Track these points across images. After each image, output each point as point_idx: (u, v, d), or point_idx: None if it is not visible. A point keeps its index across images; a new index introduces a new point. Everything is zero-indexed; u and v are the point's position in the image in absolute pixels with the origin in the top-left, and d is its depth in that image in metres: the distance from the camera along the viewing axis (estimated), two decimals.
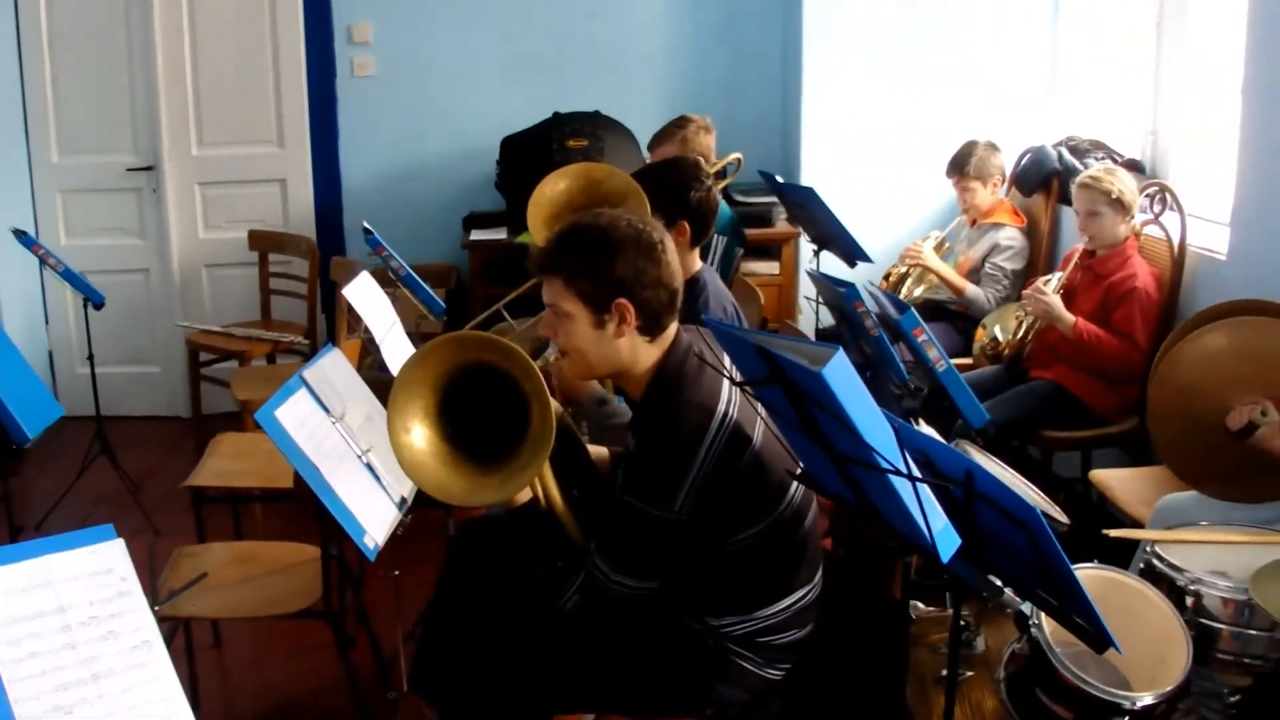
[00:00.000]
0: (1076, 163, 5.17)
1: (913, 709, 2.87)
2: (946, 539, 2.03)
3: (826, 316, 4.66)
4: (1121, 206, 4.30)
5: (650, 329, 2.59)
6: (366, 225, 4.41)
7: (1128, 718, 2.38)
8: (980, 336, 4.84)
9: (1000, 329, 4.75)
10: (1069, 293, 4.47)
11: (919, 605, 3.24)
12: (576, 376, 2.89)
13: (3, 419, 3.48)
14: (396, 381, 2.53)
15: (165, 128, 6.19)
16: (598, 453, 2.98)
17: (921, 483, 1.97)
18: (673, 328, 2.65)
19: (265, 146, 6.36)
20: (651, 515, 2.48)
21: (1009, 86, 5.89)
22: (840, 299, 3.87)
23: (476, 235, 6.04)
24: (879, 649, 2.95)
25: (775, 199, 5.79)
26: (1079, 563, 2.63)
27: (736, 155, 5.16)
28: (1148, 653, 2.51)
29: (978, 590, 2.21)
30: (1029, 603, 2.24)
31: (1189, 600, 2.67)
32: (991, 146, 5.32)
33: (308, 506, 3.00)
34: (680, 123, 5.02)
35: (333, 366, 3.18)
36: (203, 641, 4.06)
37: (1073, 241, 4.70)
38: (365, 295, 3.76)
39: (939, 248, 5.35)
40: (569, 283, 2.56)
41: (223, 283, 6.45)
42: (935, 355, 3.52)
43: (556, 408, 2.59)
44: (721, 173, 5.17)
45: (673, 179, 3.76)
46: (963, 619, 2.50)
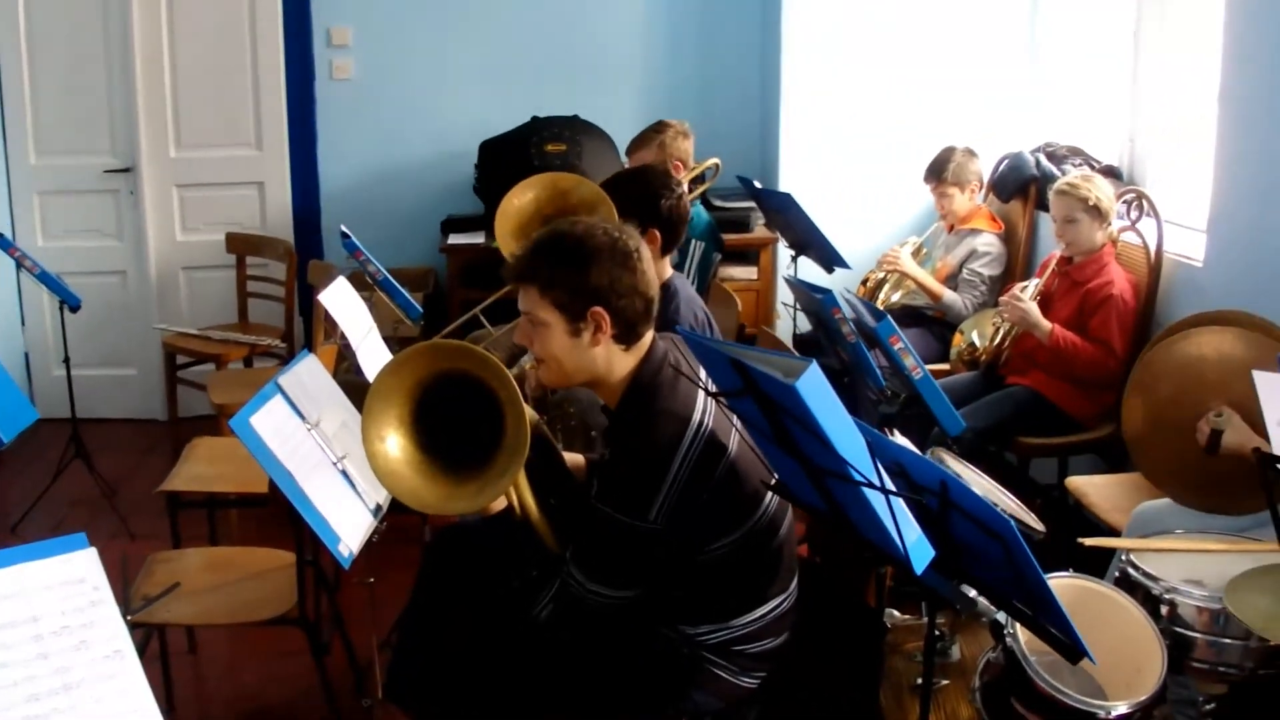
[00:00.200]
0: (1054, 169, 5.17)
1: (888, 717, 2.87)
2: (920, 551, 2.03)
3: (804, 323, 4.66)
4: (1098, 213, 4.31)
5: (626, 337, 2.59)
6: (344, 229, 4.39)
7: None
8: (958, 342, 4.84)
9: (978, 335, 4.75)
10: (1046, 299, 4.47)
11: (895, 613, 3.24)
12: (552, 384, 2.89)
13: None
14: (371, 390, 2.52)
15: (143, 130, 6.16)
16: (574, 460, 2.97)
17: (895, 496, 1.97)
18: (648, 336, 2.65)
19: (243, 149, 6.35)
20: (627, 524, 2.47)
21: (987, 92, 5.90)
22: (817, 306, 3.88)
23: (454, 239, 6.03)
24: (854, 657, 2.95)
25: (753, 204, 5.79)
26: (1056, 570, 2.65)
27: (714, 160, 5.16)
28: (1123, 661, 2.51)
29: (951, 602, 2.21)
30: (1004, 612, 2.24)
31: (1164, 609, 2.67)
32: (969, 152, 5.33)
33: (283, 512, 2.98)
34: (658, 128, 5.02)
35: (309, 372, 3.17)
36: (178, 647, 4.03)
37: (1050, 248, 4.71)
38: (341, 301, 3.75)
39: (916, 254, 5.35)
40: (544, 291, 2.56)
41: (200, 285, 6.43)
42: (911, 363, 3.52)
43: (532, 416, 2.58)
44: (699, 178, 5.16)
45: (643, 187, 3.77)
46: (938, 628, 2.51)
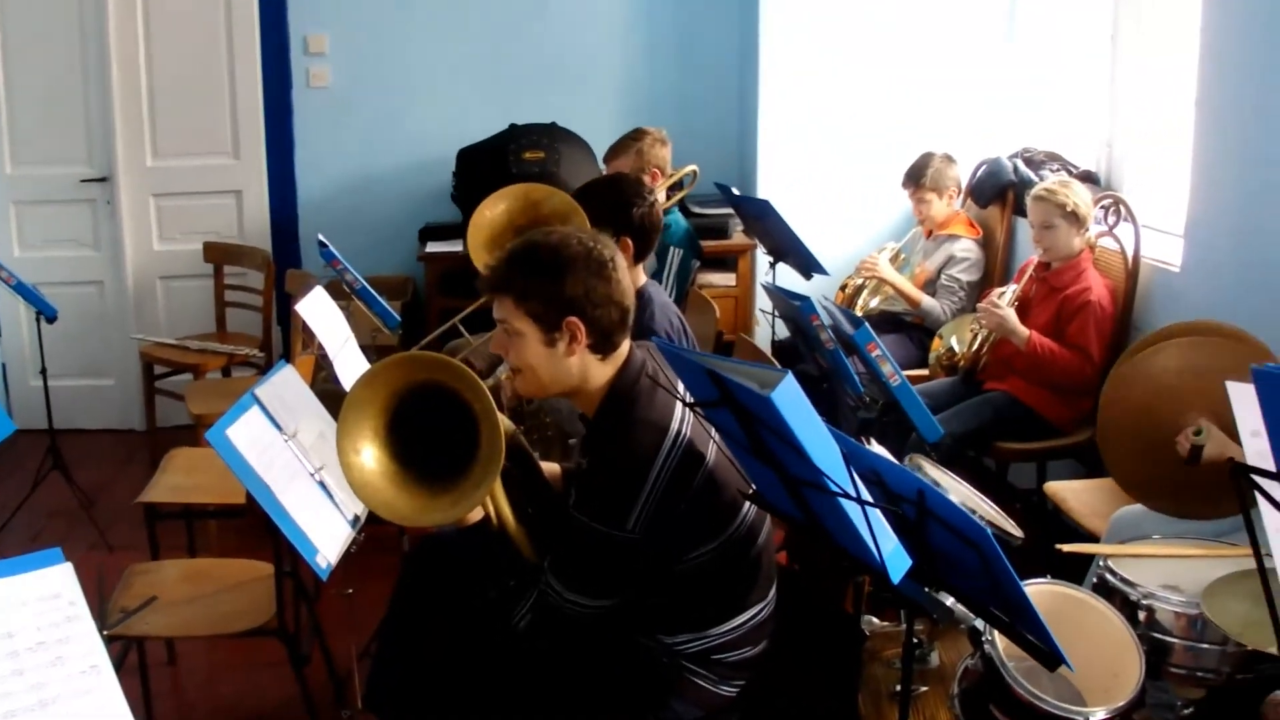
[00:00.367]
0: (1032, 174, 5.19)
1: None
2: (897, 560, 2.03)
3: (783, 329, 4.66)
4: (1076, 219, 4.32)
5: (601, 347, 2.58)
6: (321, 238, 4.38)
7: None
8: (936, 347, 4.85)
9: (956, 340, 4.75)
10: (1024, 305, 4.48)
11: (873, 620, 3.24)
12: (528, 394, 2.89)
13: None
14: (346, 402, 2.52)
15: (120, 139, 6.15)
16: (551, 470, 2.97)
17: (871, 506, 1.97)
18: (625, 345, 2.64)
19: (220, 158, 6.33)
20: (604, 533, 2.47)
21: (965, 98, 5.92)
22: (796, 313, 3.89)
23: (432, 247, 6.02)
24: (833, 665, 2.95)
25: (731, 211, 5.79)
26: (1034, 576, 2.65)
27: (692, 167, 5.16)
28: (1101, 667, 2.51)
29: (928, 611, 2.21)
30: (981, 619, 2.24)
31: (1142, 615, 2.68)
32: (948, 158, 5.34)
33: (262, 523, 2.97)
34: (636, 135, 5.00)
35: (285, 383, 3.16)
36: (157, 658, 4.01)
37: (1028, 253, 4.72)
38: (319, 311, 3.74)
39: (895, 260, 5.36)
40: (519, 302, 2.56)
41: (177, 295, 6.41)
42: (889, 370, 3.52)
43: (508, 426, 2.58)
44: (677, 185, 5.16)
45: (615, 196, 3.78)
46: (916, 635, 2.51)
